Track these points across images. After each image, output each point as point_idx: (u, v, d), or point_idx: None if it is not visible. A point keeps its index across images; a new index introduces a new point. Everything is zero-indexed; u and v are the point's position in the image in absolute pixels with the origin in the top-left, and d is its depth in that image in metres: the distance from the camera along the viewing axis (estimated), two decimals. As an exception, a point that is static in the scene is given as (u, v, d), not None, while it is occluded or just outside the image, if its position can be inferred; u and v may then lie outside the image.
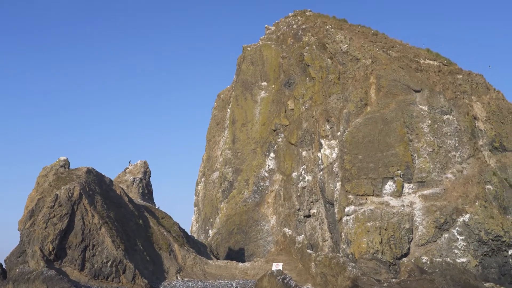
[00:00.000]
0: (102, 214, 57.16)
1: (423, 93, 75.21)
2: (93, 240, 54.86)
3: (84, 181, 58.76)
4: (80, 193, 56.35)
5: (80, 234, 54.43)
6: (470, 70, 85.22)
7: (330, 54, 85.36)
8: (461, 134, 72.84)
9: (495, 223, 64.70)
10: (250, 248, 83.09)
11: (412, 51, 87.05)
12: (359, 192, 69.33)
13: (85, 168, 62.26)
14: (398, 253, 64.16)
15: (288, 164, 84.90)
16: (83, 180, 58.75)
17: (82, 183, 57.97)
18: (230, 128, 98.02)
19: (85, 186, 58.04)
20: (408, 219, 65.98)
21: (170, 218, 71.89)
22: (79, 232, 54.47)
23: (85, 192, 57.39)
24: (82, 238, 54.45)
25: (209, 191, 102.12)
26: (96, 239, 55.00)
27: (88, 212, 55.78)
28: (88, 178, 60.49)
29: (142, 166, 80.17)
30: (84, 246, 54.27)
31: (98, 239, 55.04)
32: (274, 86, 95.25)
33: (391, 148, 71.20)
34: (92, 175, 62.22)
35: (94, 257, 54.16)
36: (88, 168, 62.66)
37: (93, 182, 60.98)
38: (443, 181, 69.36)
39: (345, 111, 76.99)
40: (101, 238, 55.10)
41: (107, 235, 55.35)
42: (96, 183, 61.49)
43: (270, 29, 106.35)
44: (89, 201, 56.94)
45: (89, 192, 58.36)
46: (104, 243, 54.98)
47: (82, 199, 56.11)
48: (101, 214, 56.97)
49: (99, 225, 55.68)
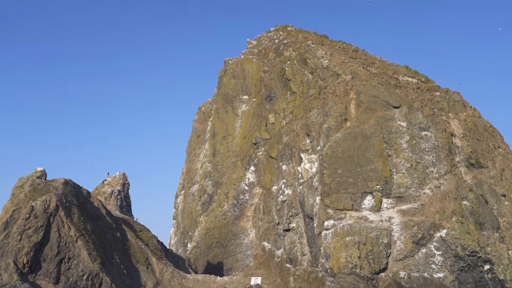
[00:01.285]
0: (78, 227, 56.20)
1: (401, 109, 76.30)
2: (69, 253, 53.82)
3: (61, 193, 57.80)
4: (57, 204, 55.38)
5: (56, 247, 53.34)
6: (447, 88, 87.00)
7: (311, 69, 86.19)
8: (438, 150, 73.96)
9: (471, 238, 65.57)
10: (229, 262, 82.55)
11: (392, 67, 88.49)
12: (338, 206, 69.66)
13: (63, 180, 61.26)
14: (376, 268, 64.44)
15: (268, 177, 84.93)
16: (60, 192, 57.78)
17: (59, 195, 57.01)
18: (211, 141, 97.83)
19: (62, 198, 57.09)
20: (387, 234, 66.44)
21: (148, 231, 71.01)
22: (55, 244, 53.39)
23: (62, 204, 56.45)
24: (57, 250, 53.36)
25: (189, 204, 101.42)
26: (72, 252, 53.98)
27: (64, 224, 54.79)
28: (65, 189, 59.53)
29: (121, 178, 79.17)
30: (59, 259, 53.19)
31: (74, 251, 54.03)
32: (255, 100, 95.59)
33: (370, 163, 71.87)
34: (70, 186, 61.28)
35: (69, 270, 53.11)
36: (65, 179, 61.67)
37: (70, 194, 60.03)
38: (420, 196, 70.17)
39: (325, 126, 77.59)
40: (77, 251, 54.10)
41: (84, 248, 54.38)
42: (73, 195, 60.53)
43: (252, 43, 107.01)
44: (66, 213, 55.98)
45: (66, 204, 57.41)
46: (80, 256, 53.99)
47: (58, 211, 55.12)
48: (77, 227, 56.01)
49: (75, 238, 54.70)
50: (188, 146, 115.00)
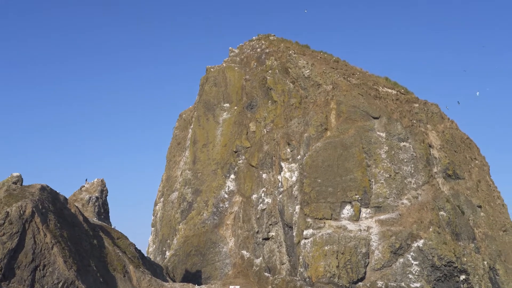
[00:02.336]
0: (54, 233, 55.26)
1: (381, 120, 77.17)
2: (44, 260, 52.82)
3: (38, 199, 56.82)
4: (33, 210, 54.41)
5: (31, 254, 52.31)
6: (426, 100, 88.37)
7: (292, 79, 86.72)
8: (416, 161, 74.90)
9: (447, 248, 66.39)
10: (208, 271, 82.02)
11: (372, 79, 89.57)
12: (318, 215, 69.91)
13: (39, 185, 60.24)
14: (355, 277, 64.74)
15: (248, 186, 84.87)
16: (36, 198, 56.79)
17: (35, 201, 56.04)
18: (191, 149, 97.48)
19: (38, 204, 56.13)
20: (365, 243, 66.87)
21: (126, 238, 70.18)
22: (30, 251, 52.37)
23: (38, 210, 55.48)
24: (32, 257, 52.32)
25: (168, 211, 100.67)
26: (48, 259, 53.00)
27: (40, 231, 53.81)
28: (42, 195, 58.54)
29: (99, 184, 78.17)
30: (34, 266, 52.16)
31: (50, 259, 53.06)
32: (236, 108, 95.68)
33: (349, 173, 72.40)
34: (46, 192, 60.29)
35: (44, 278, 52.10)
36: (42, 185, 60.66)
37: (47, 200, 59.05)
38: (399, 206, 70.88)
39: (306, 135, 77.99)
40: (52, 258, 53.14)
41: (59, 255, 53.45)
42: (50, 201, 59.56)
43: (234, 52, 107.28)
44: (42, 219, 55.03)
45: (42, 210, 56.45)
46: (56, 263, 53.03)
47: (34, 217, 54.13)
48: (53, 233, 55.07)
49: (51, 245, 53.75)
50: (168, 153, 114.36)
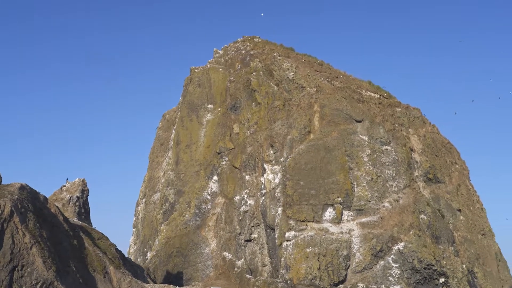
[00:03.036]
0: (34, 233, 54.49)
1: (364, 123, 77.76)
2: (22, 260, 52.05)
3: (17, 198, 56.00)
4: (12, 210, 53.61)
5: (9, 254, 51.50)
6: (408, 104, 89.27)
7: (277, 81, 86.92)
8: (398, 164, 75.62)
9: (427, 251, 67.13)
10: (189, 272, 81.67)
11: (355, 82, 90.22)
12: (300, 218, 70.11)
13: (19, 184, 59.36)
14: (336, 279, 65.06)
15: (231, 187, 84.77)
16: (15, 197, 55.96)
17: (14, 200, 55.22)
18: (174, 149, 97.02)
19: (17, 203, 55.32)
20: (346, 246, 67.26)
21: (106, 239, 69.48)
22: (8, 251, 51.56)
23: (17, 209, 54.67)
24: (10, 257, 51.52)
25: (150, 212, 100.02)
26: (26, 259, 52.23)
27: (19, 231, 53.02)
28: (21, 195, 57.70)
29: (80, 184, 77.27)
30: (12, 266, 51.36)
31: (28, 259, 52.29)
32: (220, 109, 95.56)
33: (332, 175, 72.78)
34: (26, 191, 59.43)
35: (22, 278, 51.34)
36: (21, 184, 59.77)
37: (26, 199, 58.23)
38: (380, 209, 71.45)
39: (289, 137, 78.22)
40: (31, 259, 52.37)
41: (38, 255, 52.70)
42: (29, 201, 58.73)
43: (218, 53, 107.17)
44: (21, 219, 54.23)
45: (21, 209, 55.64)
46: (35, 263, 52.29)
47: (13, 217, 53.33)
48: (33, 233, 54.29)
49: (30, 245, 52.98)
50: (151, 153, 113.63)
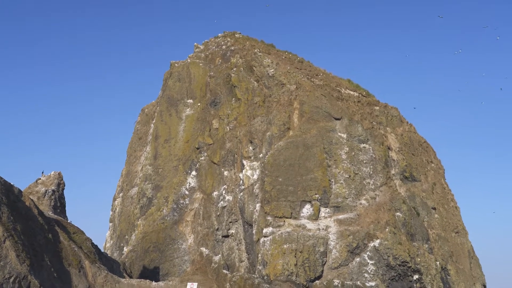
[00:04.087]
0: (7, 227, 53.57)
1: (342, 121, 78.36)
2: (-5, 254, 51.10)
3: (-10, 191, 54.96)
4: (-15, 203, 52.61)
5: (-19, 247, 50.52)
6: (386, 103, 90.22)
7: (257, 77, 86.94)
8: (375, 162, 76.44)
9: (402, 249, 68.14)
10: (166, 267, 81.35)
11: (335, 80, 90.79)
12: (278, 214, 70.41)
13: (-8, 177, 58.26)
14: (312, 275, 65.58)
15: (209, 183, 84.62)
16: (-11, 189, 54.94)
17: (-12, 193, 54.19)
18: (153, 144, 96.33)
19: (-10, 196, 54.27)
20: (323, 242, 67.82)
21: (82, 233, 68.69)
22: (-20, 245, 50.57)
23: (-10, 202, 53.65)
24: (-17, 251, 50.55)
25: (127, 207, 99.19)
26: (-1, 253, 51.31)
27: (-8, 224, 52.05)
28: (-5, 187, 56.65)
29: (56, 177, 76.11)
30: (-16, 260, 50.40)
31: (1, 253, 51.40)
32: (199, 105, 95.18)
33: (310, 172, 73.21)
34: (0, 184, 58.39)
35: (-5, 273, 50.41)
36: (-5, 176, 58.70)
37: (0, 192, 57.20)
38: (357, 206, 72.19)
39: (268, 134, 78.39)
40: (4, 252, 51.49)
41: (12, 249, 51.83)
42: (3, 193, 57.70)
43: (199, 48, 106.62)
44: (-6, 212, 53.22)
45: (-5, 202, 54.61)
46: (8, 257, 51.42)
47: (-14, 210, 52.34)
48: (6, 227, 53.37)
49: (3, 238, 52.07)
50: (129, 147, 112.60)
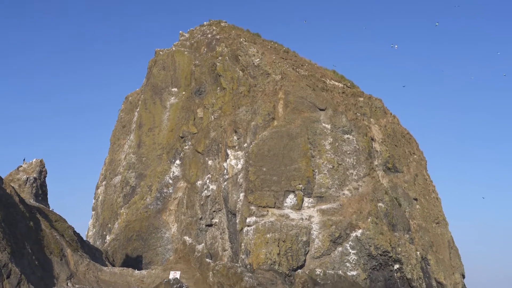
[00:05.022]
0: (-12, 214, 52.93)
1: (327, 112, 78.67)
2: (-25, 242, 50.51)
3: (-30, 177, 54.27)
4: (-36, 190, 51.95)
5: (-39, 235, 49.90)
6: (370, 94, 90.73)
7: (242, 67, 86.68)
8: (359, 153, 77.01)
9: (384, 239, 68.97)
10: (149, 256, 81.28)
11: (320, 71, 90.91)
12: (261, 203, 70.65)
13: (-28, 163, 57.59)
14: (295, 264, 66.09)
15: (193, 172, 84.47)
16: (-32, 176, 54.24)
17: (-32, 179, 53.50)
18: (136, 132, 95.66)
19: (-30, 183, 53.60)
20: (306, 232, 68.31)
21: (64, 221, 68.19)
22: (-40, 232, 49.94)
23: (-30, 189, 53.00)
24: (-38, 239, 49.92)
25: (110, 195, 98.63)
26: (-21, 241, 50.70)
27: (-28, 211, 51.44)
28: (-25, 174, 55.93)
29: (38, 165, 75.33)
30: (-36, 247, 49.80)
31: (-19, 240, 50.79)
32: (184, 93, 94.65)
33: (294, 162, 73.50)
34: (-20, 171, 57.68)
35: (-25, 260, 49.86)
36: (-25, 163, 58.03)
37: (-19, 179, 56.49)
38: (340, 197, 72.75)
39: (253, 124, 78.38)
40: (-16, 240, 50.89)
41: (-8, 237, 51.27)
42: (-17, 180, 57.00)
43: (184, 36, 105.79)
44: (-26, 199, 52.60)
45: (-25, 189, 53.96)
46: (-12, 245, 50.84)
47: (-34, 197, 51.70)
48: (-14, 214, 52.73)
49: (-17, 226, 51.48)
50: (112, 136, 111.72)
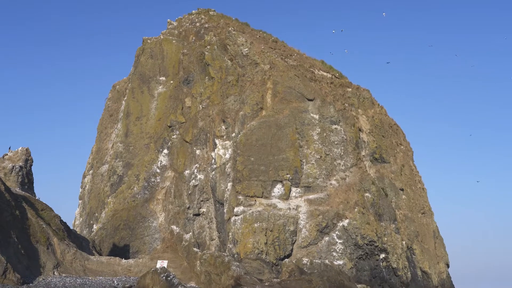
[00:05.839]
0: (-27, 203, 52.51)
1: (315, 102, 78.81)
2: (-40, 231, 50.14)
3: (-46, 166, 53.63)
4: (-51, 178, 51.35)
5: None
6: (358, 85, 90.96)
7: (231, 56, 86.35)
8: (346, 144, 77.40)
9: (370, 228, 69.64)
10: (136, 245, 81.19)
11: (308, 61, 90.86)
12: (249, 193, 70.84)
13: (-43, 152, 56.83)
14: (282, 254, 66.54)
15: (181, 161, 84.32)
16: (-47, 165, 53.59)
17: (-48, 168, 52.87)
18: (124, 121, 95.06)
19: (-45, 171, 52.98)
20: (293, 221, 68.72)
21: (51, 210, 67.79)
22: None
23: (-45, 177, 52.39)
24: None
25: (97, 184, 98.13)
26: (-36, 230, 50.35)
27: (-44, 200, 50.96)
28: (-40, 162, 55.29)
29: (24, 153, 74.57)
30: (-52, 236, 49.44)
31: (-34, 229, 50.44)
32: (172, 82, 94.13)
33: (282, 152, 73.69)
34: (-35, 159, 57.01)
35: (-41, 249, 49.51)
36: (-40, 151, 57.27)
37: (-35, 167, 55.87)
38: (327, 187, 73.20)
39: (241, 113, 78.31)
40: (-31, 229, 50.55)
41: (-23, 226, 50.92)
42: (-32, 169, 56.40)
43: (172, 24, 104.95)
44: (-41, 187, 52.05)
45: (-40, 178, 53.37)
46: (-27, 234, 50.50)
47: (-50, 185, 51.14)
48: (-29, 203, 52.31)
49: (-32, 214, 51.10)
50: (99, 124, 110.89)
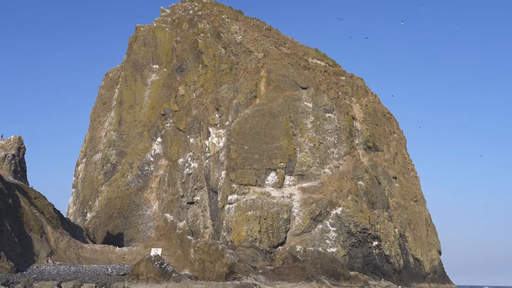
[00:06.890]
0: (-35, 191, 52.31)
1: (309, 90, 78.77)
2: (-48, 219, 49.97)
3: None
4: None
5: None
6: (352, 73, 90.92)
7: (224, 44, 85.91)
8: (340, 132, 77.57)
9: (363, 216, 70.09)
10: (130, 233, 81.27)
11: (302, 49, 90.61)
12: (243, 181, 70.97)
13: (-52, 140, 56.42)
14: (275, 241, 66.89)
15: (175, 150, 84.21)
16: None
17: None
18: (117, 109, 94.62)
19: None
20: (287, 209, 69.00)
21: (44, 198, 67.65)
22: None
23: None
24: None
25: (90, 172, 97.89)
26: (-43, 218, 50.19)
27: (-52, 188, 50.70)
28: (-49, 150, 54.94)
29: (16, 141, 74.20)
30: None
31: (-41, 218, 50.29)
32: (166, 70, 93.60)
33: (275, 141, 73.75)
34: (-43, 147, 56.64)
35: (-47, 238, 49.42)
36: (-48, 139, 56.86)
37: (-43, 156, 55.53)
38: (321, 175, 73.46)
39: (235, 102, 78.16)
40: (-38, 217, 50.41)
41: (-30, 214, 50.79)
42: (-40, 157, 56.07)
43: (165, 12, 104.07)
44: (-49, 176, 51.76)
45: (-48, 166, 53.07)
46: (-34, 222, 50.37)
47: None
48: (-36, 191, 52.11)
49: (-39, 203, 50.91)
50: (92, 112, 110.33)
